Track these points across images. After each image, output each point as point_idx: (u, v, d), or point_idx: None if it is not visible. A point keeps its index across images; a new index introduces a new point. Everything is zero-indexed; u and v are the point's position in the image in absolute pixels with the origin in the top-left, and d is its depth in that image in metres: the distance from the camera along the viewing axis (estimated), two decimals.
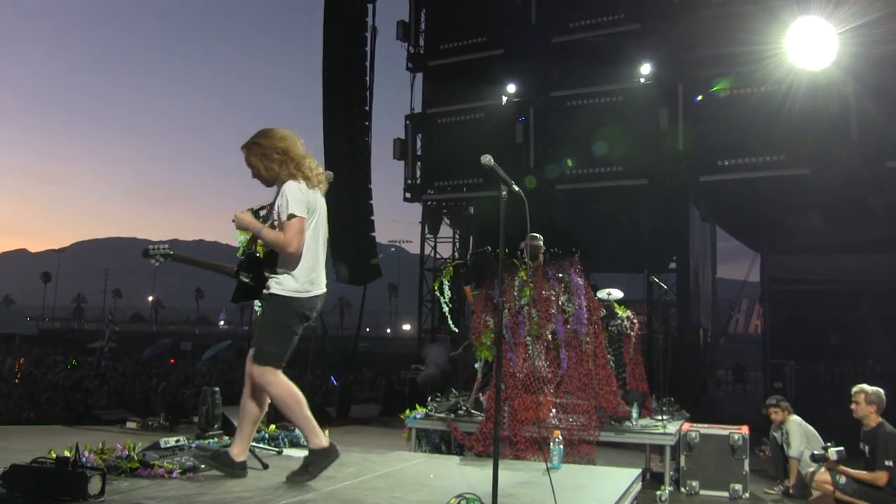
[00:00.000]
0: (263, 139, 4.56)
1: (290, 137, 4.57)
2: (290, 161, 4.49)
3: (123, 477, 4.37)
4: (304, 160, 4.54)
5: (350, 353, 23.02)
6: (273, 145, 4.52)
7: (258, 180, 4.63)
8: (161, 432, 11.08)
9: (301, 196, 4.43)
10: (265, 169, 4.53)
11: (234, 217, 4.59)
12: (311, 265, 4.50)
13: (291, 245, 4.37)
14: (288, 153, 4.51)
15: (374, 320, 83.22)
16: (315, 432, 4.50)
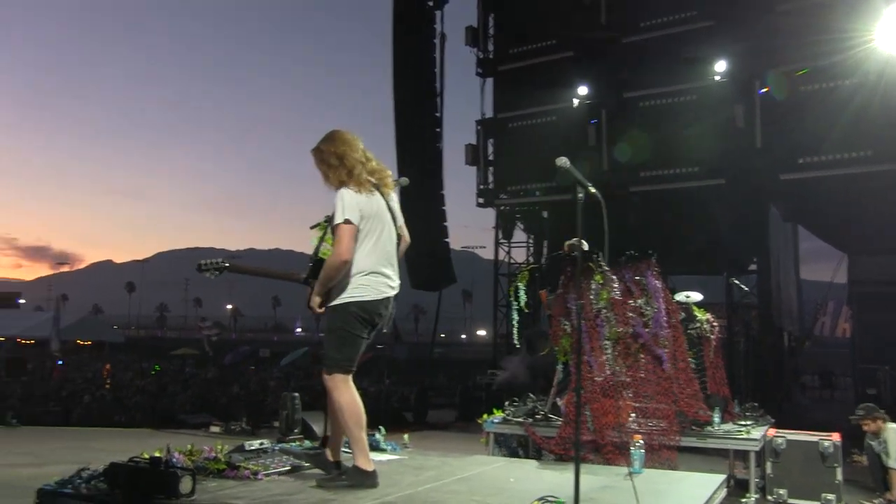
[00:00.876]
0: (323, 144, 4.61)
1: (348, 142, 4.59)
2: (343, 168, 4.50)
3: (211, 478, 4.50)
4: (358, 166, 4.53)
5: (425, 358, 23.15)
6: (330, 150, 4.56)
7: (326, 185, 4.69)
8: (243, 436, 11.36)
9: (351, 201, 4.44)
10: (324, 174, 4.60)
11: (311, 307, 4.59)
12: (368, 270, 4.49)
13: (341, 254, 4.38)
14: (343, 159, 4.52)
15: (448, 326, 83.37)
16: (364, 453, 4.49)
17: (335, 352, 4.46)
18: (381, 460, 5.07)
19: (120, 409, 18.55)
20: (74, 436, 11.98)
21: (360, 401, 4.48)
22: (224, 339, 72.77)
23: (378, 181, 4.63)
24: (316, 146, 4.63)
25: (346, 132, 4.68)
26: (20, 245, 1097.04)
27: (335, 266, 4.39)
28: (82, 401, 20.25)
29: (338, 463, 4.68)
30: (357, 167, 4.50)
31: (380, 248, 4.55)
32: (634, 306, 7.37)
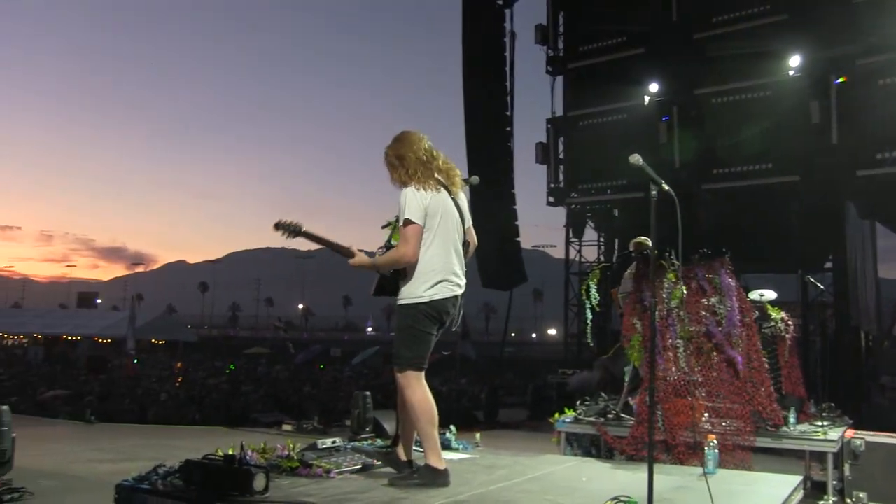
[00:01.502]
0: (389, 146, 4.65)
1: (410, 143, 4.61)
2: (402, 168, 4.54)
3: (284, 475, 4.57)
4: (419, 167, 4.54)
5: (496, 358, 23.17)
6: (391, 151, 4.61)
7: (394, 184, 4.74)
8: (315, 435, 11.49)
9: (416, 200, 4.46)
10: (394, 173, 4.63)
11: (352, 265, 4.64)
12: (436, 269, 4.50)
13: (407, 254, 4.42)
14: (403, 160, 4.55)
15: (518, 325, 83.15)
16: (435, 451, 4.49)
17: (406, 350, 4.49)
18: (453, 459, 5.07)
19: (195, 408, 18.97)
20: (150, 433, 12.29)
21: (432, 399, 4.50)
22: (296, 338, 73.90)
23: (446, 180, 4.64)
24: (387, 146, 4.69)
25: (411, 132, 4.70)
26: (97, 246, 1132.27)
27: (395, 261, 4.46)
28: (158, 399, 20.81)
29: (409, 461, 4.71)
30: (417, 168, 4.52)
31: (447, 246, 4.56)
32: (707, 305, 7.25)
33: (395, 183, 4.61)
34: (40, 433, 10.62)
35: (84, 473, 7.77)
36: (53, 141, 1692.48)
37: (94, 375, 28.61)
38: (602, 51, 18.84)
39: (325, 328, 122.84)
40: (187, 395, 21.49)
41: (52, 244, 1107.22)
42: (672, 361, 7.07)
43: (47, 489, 6.64)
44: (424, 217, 4.44)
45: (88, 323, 65.18)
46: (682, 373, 7.01)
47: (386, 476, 4.59)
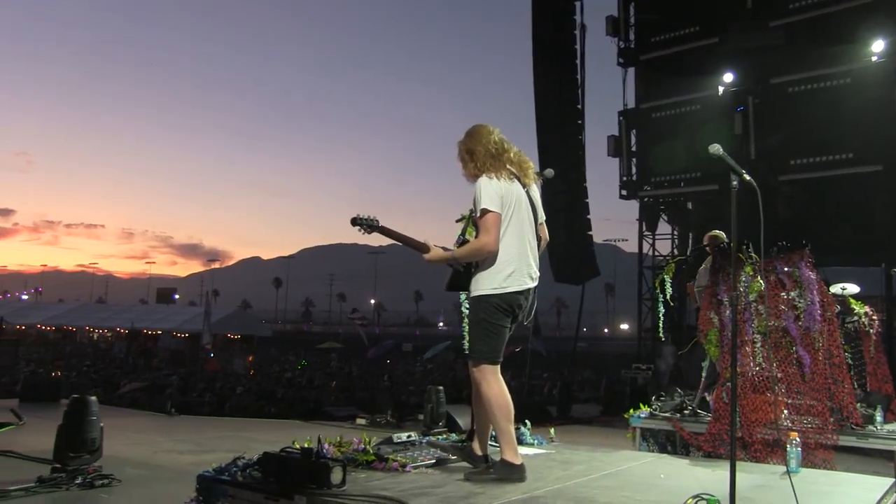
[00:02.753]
0: (460, 141, 4.66)
1: (480, 136, 4.60)
2: (472, 162, 4.52)
3: (360, 469, 4.61)
4: (488, 160, 4.53)
5: (568, 353, 23.00)
6: (464, 146, 4.61)
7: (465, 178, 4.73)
8: (388, 429, 11.58)
9: (491, 189, 4.42)
10: (467, 167, 4.62)
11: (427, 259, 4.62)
12: (508, 260, 4.46)
13: (488, 244, 4.38)
14: (473, 153, 4.55)
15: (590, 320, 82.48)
16: (511, 446, 4.46)
17: (481, 343, 4.47)
18: (528, 454, 5.05)
19: (270, 401, 19.29)
20: (228, 425, 12.52)
21: (507, 393, 4.48)
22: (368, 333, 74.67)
23: (519, 172, 4.61)
24: (460, 140, 4.70)
25: (482, 126, 4.69)
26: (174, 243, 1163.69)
27: (476, 251, 4.43)
28: (235, 392, 21.23)
29: (485, 456, 4.70)
30: (486, 161, 4.52)
31: (520, 238, 4.52)
32: (787, 299, 7.07)
33: (468, 177, 4.62)
34: (124, 424, 10.93)
35: (167, 463, 7.97)
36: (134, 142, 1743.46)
37: (175, 369, 29.36)
38: (674, 41, 18.51)
39: (397, 323, 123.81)
40: (263, 389, 21.87)
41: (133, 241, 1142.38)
42: (749, 356, 6.92)
43: (133, 477, 6.83)
44: (501, 206, 4.42)
45: (167, 318, 67.10)
46: (760, 368, 6.85)
47: (461, 471, 4.59)
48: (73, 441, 6.39)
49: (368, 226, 4.50)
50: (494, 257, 4.43)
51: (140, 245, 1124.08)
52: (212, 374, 27.05)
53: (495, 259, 4.44)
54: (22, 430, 10.25)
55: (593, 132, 20.73)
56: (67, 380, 20.30)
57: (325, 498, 3.86)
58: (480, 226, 4.42)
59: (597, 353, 41.88)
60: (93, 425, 6.50)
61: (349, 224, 4.53)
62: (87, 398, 6.67)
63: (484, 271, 4.46)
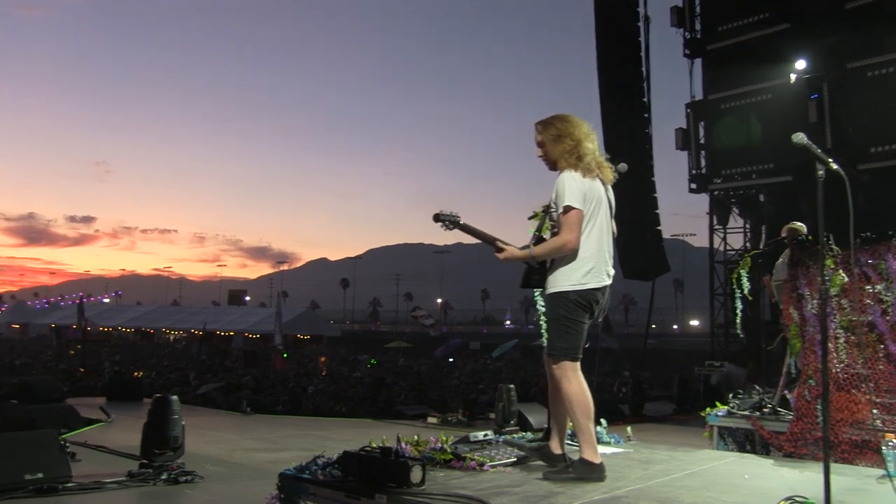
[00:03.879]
0: (560, 122, 4.55)
1: (576, 123, 4.54)
2: (575, 152, 4.46)
3: (438, 468, 4.59)
4: (588, 150, 4.50)
5: (639, 350, 22.69)
6: (568, 131, 4.50)
7: (542, 161, 4.65)
8: (460, 428, 11.58)
9: (576, 186, 4.36)
10: (553, 152, 4.54)
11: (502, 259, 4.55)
12: (588, 257, 4.40)
13: (570, 241, 4.32)
14: (579, 143, 4.48)
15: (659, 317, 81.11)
16: (591, 444, 4.39)
17: (560, 340, 4.42)
18: (605, 453, 4.97)
19: (341, 400, 19.51)
20: (302, 424, 12.68)
21: (588, 390, 4.42)
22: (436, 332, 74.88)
23: (597, 168, 4.55)
24: (548, 120, 4.60)
25: (573, 116, 4.63)
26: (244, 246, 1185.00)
27: (558, 249, 4.37)
28: (306, 391, 21.53)
29: (563, 455, 4.65)
30: (587, 151, 4.46)
31: (601, 235, 4.47)
32: (872, 293, 6.81)
33: (548, 160, 4.56)
34: (202, 422, 11.16)
35: (245, 461, 8.10)
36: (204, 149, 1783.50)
37: (248, 369, 29.93)
38: (743, 29, 18.07)
39: (464, 322, 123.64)
40: (334, 389, 22.14)
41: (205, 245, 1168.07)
42: (833, 353, 6.70)
43: (214, 474, 6.97)
44: (584, 203, 4.36)
45: (239, 319, 68.45)
46: (845, 365, 6.63)
47: (539, 470, 4.54)
48: (158, 438, 6.60)
49: (451, 222, 4.46)
50: (574, 254, 4.37)
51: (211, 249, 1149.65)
52: (284, 374, 27.49)
53: (575, 255, 4.38)
54: (110, 426, 10.60)
55: (660, 126, 20.36)
56: (147, 379, 20.86)
57: (406, 497, 3.86)
58: (562, 222, 4.36)
59: (667, 350, 41.21)
60: (175, 424, 6.69)
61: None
62: (169, 398, 6.85)
63: (563, 268, 4.40)
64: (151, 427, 6.64)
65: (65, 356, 36.02)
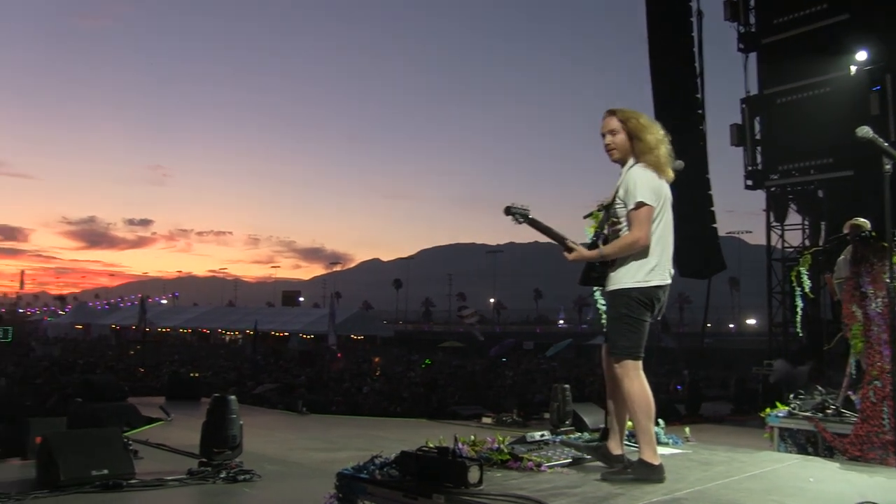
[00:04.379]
0: (643, 118, 4.49)
1: (653, 124, 4.51)
2: (653, 150, 4.42)
3: (495, 468, 4.56)
4: (662, 146, 4.45)
5: (693, 350, 22.37)
6: (651, 129, 4.46)
7: (610, 152, 4.54)
8: (515, 428, 11.54)
9: (649, 182, 4.31)
10: (627, 144, 4.48)
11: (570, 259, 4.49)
12: (653, 254, 4.35)
13: (641, 239, 4.27)
14: (660, 143, 4.45)
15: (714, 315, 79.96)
16: (651, 445, 4.32)
17: (623, 339, 4.37)
18: (664, 454, 4.89)
19: (396, 400, 19.58)
20: (357, 424, 12.76)
21: (649, 390, 4.36)
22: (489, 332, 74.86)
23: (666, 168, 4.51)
24: (630, 113, 4.54)
25: None
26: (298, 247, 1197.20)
27: (629, 247, 4.31)
28: (361, 391, 21.67)
29: (622, 456, 4.59)
30: (662, 147, 4.42)
31: (666, 233, 4.43)
32: None
33: (618, 151, 4.50)
34: (259, 422, 11.30)
35: (302, 460, 8.19)
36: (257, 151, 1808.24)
37: (303, 369, 30.22)
38: (800, 21, 17.69)
39: (517, 321, 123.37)
40: (388, 389, 22.24)
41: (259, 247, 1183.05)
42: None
43: (272, 473, 7.06)
44: (655, 200, 4.32)
45: (294, 320, 69.18)
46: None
47: (597, 471, 4.49)
48: (217, 437, 6.71)
49: (522, 215, 4.39)
50: (641, 252, 4.33)
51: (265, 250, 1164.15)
52: (339, 374, 27.71)
53: (641, 252, 4.33)
54: (169, 425, 10.82)
55: (713, 122, 20.02)
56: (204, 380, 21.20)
57: (464, 497, 3.85)
58: (633, 219, 4.30)
59: (723, 349, 40.56)
60: (233, 423, 6.79)
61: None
62: (227, 397, 6.96)
63: (626, 265, 4.36)
64: (210, 426, 6.75)
65: (124, 356, 36.81)
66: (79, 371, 24.28)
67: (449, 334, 74.34)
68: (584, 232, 4.83)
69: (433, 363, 37.20)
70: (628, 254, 4.35)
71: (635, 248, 4.31)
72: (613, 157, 4.53)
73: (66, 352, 38.78)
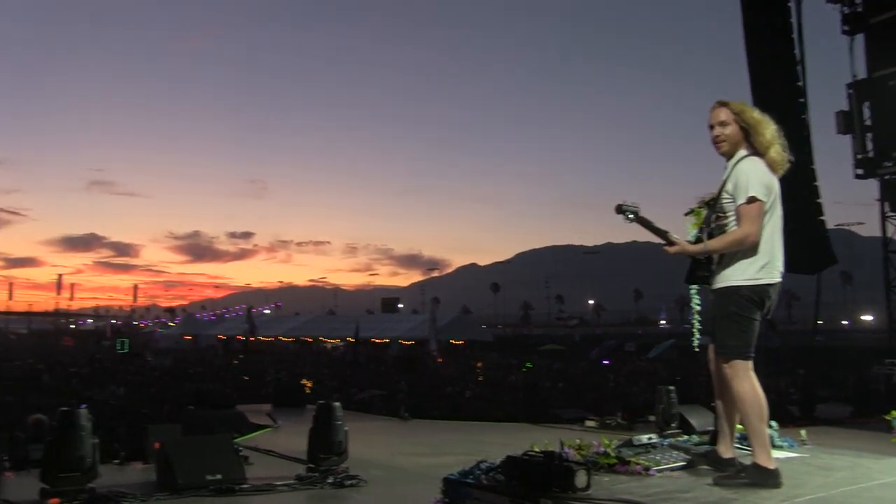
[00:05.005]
0: (759, 113, 4.41)
1: (769, 120, 4.41)
2: (770, 146, 4.30)
3: (602, 472, 4.50)
4: (776, 140, 4.33)
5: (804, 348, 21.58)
6: (764, 122, 4.35)
7: (718, 144, 4.43)
8: (619, 431, 11.34)
9: (761, 177, 4.20)
10: (738, 137, 4.37)
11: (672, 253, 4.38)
12: (763, 251, 4.24)
13: (750, 235, 4.16)
14: (775, 139, 4.33)
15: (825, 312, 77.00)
16: (765, 448, 4.17)
17: (732, 338, 4.25)
18: (779, 458, 4.74)
19: (498, 404, 19.56)
20: (460, 428, 12.76)
21: (761, 391, 4.23)
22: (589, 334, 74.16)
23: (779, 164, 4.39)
24: (744, 106, 4.46)
25: None
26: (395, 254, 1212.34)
27: (738, 242, 4.21)
28: (464, 396, 21.74)
29: (733, 459, 4.47)
30: (776, 143, 4.30)
31: (775, 229, 4.31)
32: None
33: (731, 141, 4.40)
34: (363, 427, 11.42)
35: (407, 465, 8.26)
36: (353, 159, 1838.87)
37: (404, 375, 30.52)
38: None
39: (617, 323, 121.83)
40: (490, 393, 22.25)
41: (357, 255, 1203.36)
42: None
43: (377, 478, 7.14)
44: (767, 195, 4.20)
45: (394, 326, 70.01)
46: None
47: (708, 475, 4.37)
48: (323, 443, 6.84)
49: (633, 213, 4.34)
50: (750, 247, 4.21)
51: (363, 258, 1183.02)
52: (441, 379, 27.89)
53: (751, 249, 4.21)
54: (277, 431, 11.10)
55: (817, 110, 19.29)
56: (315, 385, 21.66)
57: (571, 501, 3.83)
58: (743, 214, 4.19)
59: (837, 347, 39.08)
60: (339, 429, 6.92)
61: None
62: (332, 404, 7.10)
63: (736, 262, 4.25)
64: (317, 432, 6.90)
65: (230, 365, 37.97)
66: (190, 380, 25.19)
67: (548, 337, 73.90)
68: (685, 229, 4.71)
69: (534, 366, 37.03)
70: (736, 250, 4.24)
71: (744, 245, 4.20)
72: (721, 150, 4.43)
73: (178, 362, 40.26)
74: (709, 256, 4.36)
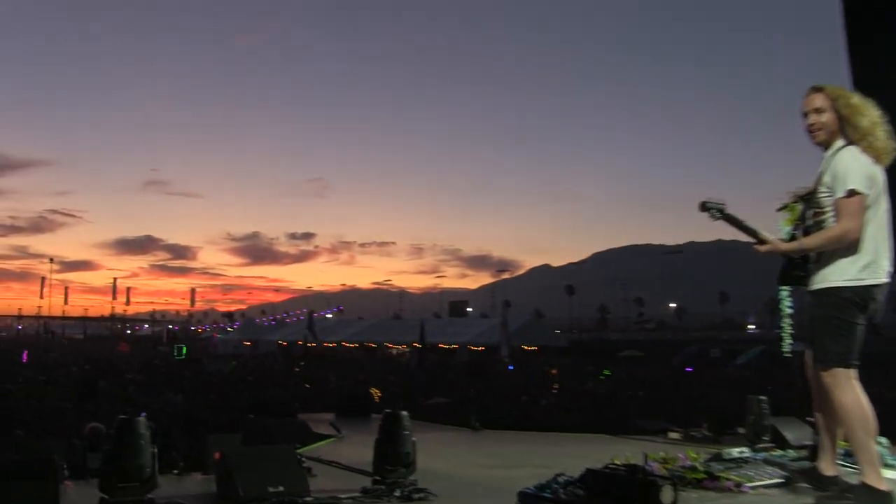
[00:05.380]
0: (859, 98, 4.29)
1: (869, 104, 4.28)
2: (869, 134, 4.16)
3: (689, 488, 4.43)
4: (881, 139, 4.18)
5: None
6: (864, 107, 4.22)
7: (814, 133, 4.32)
8: (707, 443, 11.12)
9: (863, 168, 4.07)
10: (835, 125, 4.24)
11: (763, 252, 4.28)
12: (866, 249, 4.10)
13: (851, 231, 4.03)
14: (875, 126, 4.19)
15: None
16: (874, 466, 4.03)
17: (831, 343, 4.12)
18: (891, 478, 4.59)
19: (574, 413, 19.36)
20: (534, 439, 12.66)
21: (868, 403, 4.09)
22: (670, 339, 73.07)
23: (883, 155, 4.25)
24: (842, 92, 4.35)
25: None
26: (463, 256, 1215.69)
27: (837, 239, 4.08)
28: (538, 405, 21.57)
29: (835, 477, 4.33)
30: (878, 129, 4.16)
31: (880, 225, 4.16)
32: None
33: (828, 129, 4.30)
34: (430, 437, 11.41)
35: (478, 477, 8.22)
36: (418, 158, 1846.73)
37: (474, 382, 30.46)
38: None
39: (700, 327, 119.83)
40: (566, 402, 22.03)
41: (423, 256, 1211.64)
42: None
43: (446, 491, 7.10)
44: (870, 188, 4.06)
45: (462, 331, 70.17)
46: None
47: (807, 494, 4.25)
48: (390, 455, 6.84)
49: (718, 210, 4.28)
50: (851, 245, 4.07)
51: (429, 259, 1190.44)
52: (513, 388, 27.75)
53: (851, 247, 4.08)
54: (341, 442, 11.16)
55: None
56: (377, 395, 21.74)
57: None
58: (842, 208, 4.07)
59: None
60: (406, 440, 6.91)
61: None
62: (399, 413, 7.10)
63: (835, 261, 4.13)
64: (383, 443, 6.91)
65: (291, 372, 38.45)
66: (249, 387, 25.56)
67: (627, 342, 73.08)
68: (777, 226, 4.61)
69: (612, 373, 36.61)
70: (835, 247, 4.12)
71: (844, 242, 4.07)
72: (817, 139, 4.31)
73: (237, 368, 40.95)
74: (805, 255, 4.24)
